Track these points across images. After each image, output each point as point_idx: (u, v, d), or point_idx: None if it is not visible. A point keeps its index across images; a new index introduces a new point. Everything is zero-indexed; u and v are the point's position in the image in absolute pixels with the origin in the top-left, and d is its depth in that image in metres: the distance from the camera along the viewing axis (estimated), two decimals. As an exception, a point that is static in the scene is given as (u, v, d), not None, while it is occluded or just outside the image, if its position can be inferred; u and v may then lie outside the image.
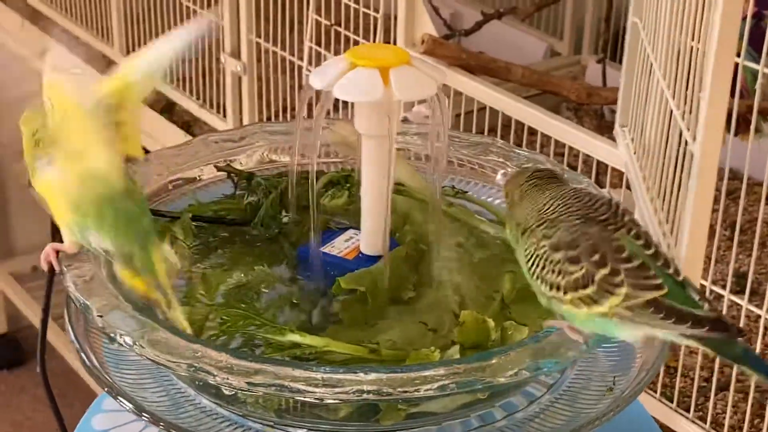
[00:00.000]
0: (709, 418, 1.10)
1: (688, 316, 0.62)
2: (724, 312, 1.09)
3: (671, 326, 0.62)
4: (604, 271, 0.63)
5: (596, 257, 0.63)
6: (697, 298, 0.64)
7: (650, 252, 0.64)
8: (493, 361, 0.66)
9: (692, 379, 1.15)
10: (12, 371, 2.46)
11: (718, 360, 1.11)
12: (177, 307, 0.70)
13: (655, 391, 1.15)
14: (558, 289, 0.64)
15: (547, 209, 0.66)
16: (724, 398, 1.14)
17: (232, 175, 0.87)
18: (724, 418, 1.11)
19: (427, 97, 0.74)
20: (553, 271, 0.64)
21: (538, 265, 0.65)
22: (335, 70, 0.74)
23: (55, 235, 0.75)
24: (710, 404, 1.11)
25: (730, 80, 0.75)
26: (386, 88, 0.72)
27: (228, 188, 0.88)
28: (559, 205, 0.66)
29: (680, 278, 0.64)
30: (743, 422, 1.09)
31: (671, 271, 0.64)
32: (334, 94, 0.73)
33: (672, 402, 1.12)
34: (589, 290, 0.63)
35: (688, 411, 1.12)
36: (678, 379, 1.13)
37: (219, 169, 0.87)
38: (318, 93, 0.76)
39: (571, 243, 0.64)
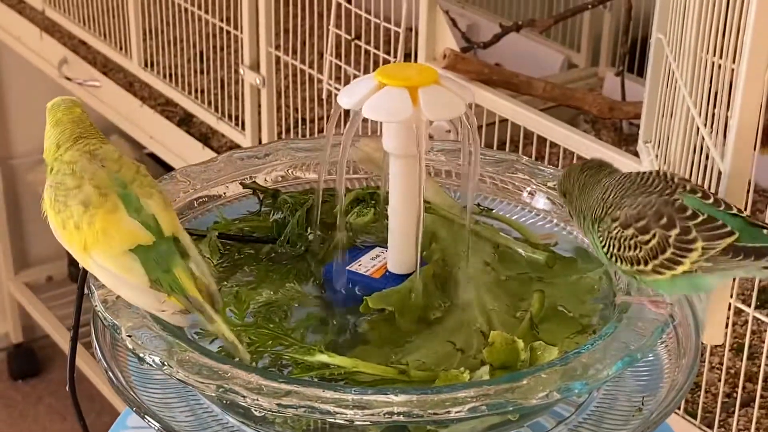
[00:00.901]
0: (733, 435, 1.09)
1: (765, 250, 0.66)
2: (749, 328, 1.09)
3: (752, 263, 0.67)
4: (676, 231, 0.67)
5: (664, 221, 0.67)
6: (765, 231, 0.68)
7: (710, 201, 0.69)
8: (524, 383, 0.66)
9: (715, 395, 1.14)
10: (27, 381, 2.47)
11: (741, 376, 1.10)
12: (217, 319, 0.70)
13: (679, 408, 1.14)
14: (639, 262, 0.68)
15: (608, 196, 0.70)
16: (746, 414, 1.13)
17: (257, 192, 0.87)
18: (747, 434, 1.11)
19: (455, 117, 0.74)
20: (629, 247, 0.68)
21: (614, 247, 0.69)
22: (364, 90, 0.73)
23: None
24: (734, 420, 1.10)
25: (760, 100, 0.75)
26: (415, 107, 0.72)
27: (253, 205, 0.88)
28: (617, 189, 0.70)
29: (744, 215, 0.68)
30: (767, 439, 1.09)
31: (734, 211, 0.68)
32: (364, 113, 0.73)
33: (695, 419, 1.12)
34: (668, 253, 0.67)
35: (711, 427, 1.11)
36: (702, 395, 1.13)
37: (245, 186, 0.87)
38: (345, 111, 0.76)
39: (637, 216, 0.68)
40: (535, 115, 1.21)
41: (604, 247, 0.70)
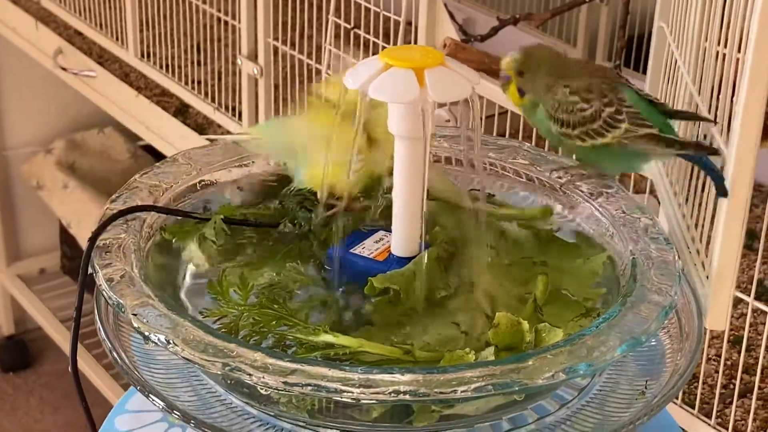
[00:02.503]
0: (730, 426, 1.10)
1: (675, 142, 0.81)
2: (748, 318, 1.09)
3: (664, 149, 0.81)
4: (610, 110, 0.80)
5: (605, 100, 0.80)
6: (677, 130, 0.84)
7: (648, 100, 0.83)
8: (530, 363, 0.66)
9: (712, 386, 1.15)
10: (19, 374, 2.45)
11: (740, 367, 1.11)
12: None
13: (677, 397, 1.14)
14: (569, 125, 0.80)
15: (566, 71, 0.81)
16: (743, 405, 1.14)
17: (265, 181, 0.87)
18: (744, 425, 1.11)
19: (462, 98, 0.74)
20: (566, 111, 0.80)
21: (554, 108, 0.81)
22: (370, 71, 0.73)
23: (63, 237, 0.75)
24: (731, 411, 1.11)
25: (766, 89, 0.75)
26: (421, 88, 0.72)
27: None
28: (574, 67, 0.83)
29: (671, 120, 0.83)
30: (764, 430, 1.09)
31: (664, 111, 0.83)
32: (369, 94, 0.73)
33: (693, 408, 1.12)
34: (596, 125, 0.80)
35: (709, 417, 1.11)
36: (700, 385, 1.13)
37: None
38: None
39: (585, 89, 0.80)
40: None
41: (549, 110, 0.81)
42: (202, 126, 1.75)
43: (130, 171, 2.23)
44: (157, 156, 2.04)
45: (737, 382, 1.10)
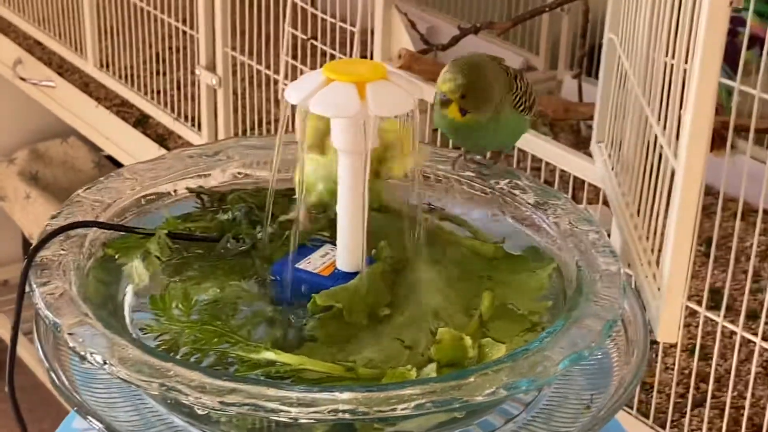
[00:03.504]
0: (685, 436, 1.10)
1: None
2: (700, 328, 1.09)
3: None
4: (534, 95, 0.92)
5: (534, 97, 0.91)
6: None
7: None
8: (471, 380, 0.65)
9: (668, 395, 1.15)
10: (-19, 386, 2.43)
11: (694, 376, 1.11)
12: None
13: (632, 408, 1.14)
14: (529, 102, 0.90)
15: (497, 76, 0.87)
16: (699, 414, 1.14)
17: (203, 196, 0.86)
18: (700, 435, 1.11)
19: (403, 112, 0.73)
20: (528, 97, 0.89)
21: (526, 100, 0.89)
22: (311, 85, 0.73)
23: (26, 250, 0.74)
24: (686, 420, 1.11)
25: (714, 98, 0.75)
26: (362, 102, 0.71)
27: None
28: (510, 70, 0.90)
29: None
30: (719, 439, 1.09)
31: None
32: (311, 109, 0.72)
33: (648, 418, 1.12)
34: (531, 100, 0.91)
35: (663, 427, 1.11)
36: (654, 395, 1.13)
37: (190, 190, 0.86)
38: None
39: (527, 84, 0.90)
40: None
41: (518, 103, 0.88)
42: (162, 136, 1.74)
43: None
44: (119, 165, 2.03)
45: (691, 391, 1.10)
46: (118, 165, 2.09)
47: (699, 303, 1.10)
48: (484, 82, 0.85)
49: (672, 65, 0.83)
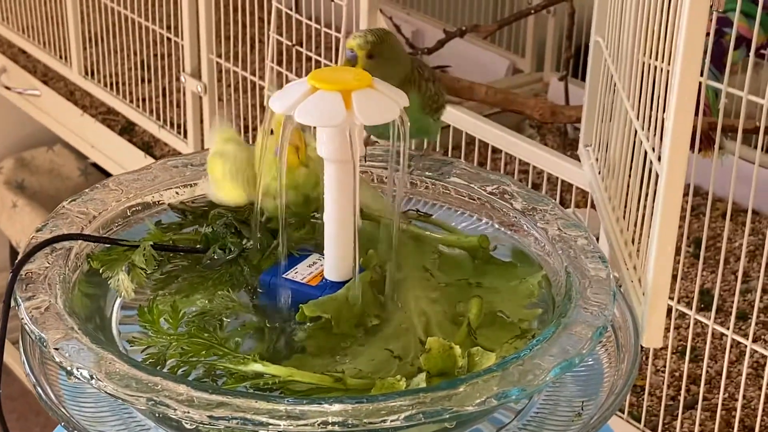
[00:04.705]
0: (677, 438, 1.09)
1: None
2: (690, 330, 1.09)
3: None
4: (445, 97, 0.95)
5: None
6: None
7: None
8: (461, 390, 0.65)
9: (659, 398, 1.15)
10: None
11: (684, 379, 1.10)
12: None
13: (623, 411, 1.14)
14: (436, 105, 0.92)
15: (406, 60, 0.89)
16: (690, 417, 1.14)
17: (186, 212, 0.85)
18: (692, 437, 1.11)
19: (389, 120, 0.73)
20: (435, 101, 0.92)
21: (437, 98, 0.92)
22: (296, 94, 0.72)
23: (14, 259, 0.73)
24: (677, 423, 1.11)
25: (694, 102, 0.75)
26: (348, 111, 0.71)
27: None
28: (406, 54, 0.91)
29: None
30: (711, 441, 1.09)
31: None
32: (296, 118, 0.72)
33: (639, 422, 1.12)
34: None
35: (655, 430, 1.11)
36: (645, 398, 1.13)
37: (172, 207, 0.85)
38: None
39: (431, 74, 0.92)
40: (478, 121, 1.21)
41: (424, 104, 0.90)
42: (148, 144, 1.73)
43: (80, 188, 2.19)
44: (105, 173, 2.02)
45: (683, 393, 1.10)
46: (105, 173, 2.08)
47: (689, 305, 1.10)
48: (393, 53, 0.86)
49: (655, 68, 0.83)
